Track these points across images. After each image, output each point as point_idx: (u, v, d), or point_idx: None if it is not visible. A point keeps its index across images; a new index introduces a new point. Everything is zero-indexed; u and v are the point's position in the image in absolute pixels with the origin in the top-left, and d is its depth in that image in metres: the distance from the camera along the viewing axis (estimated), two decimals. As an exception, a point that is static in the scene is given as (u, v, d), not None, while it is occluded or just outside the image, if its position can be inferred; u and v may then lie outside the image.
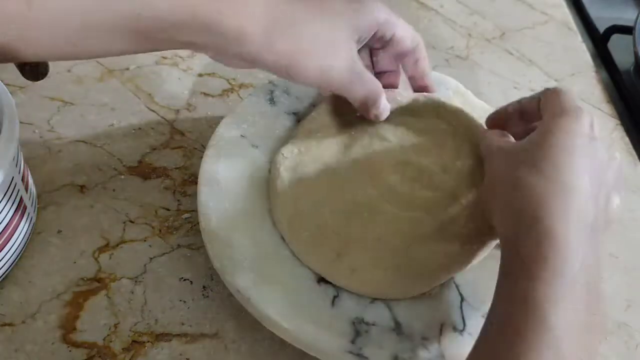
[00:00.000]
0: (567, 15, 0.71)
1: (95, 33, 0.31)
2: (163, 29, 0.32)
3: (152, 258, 0.42)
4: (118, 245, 0.43)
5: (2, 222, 0.37)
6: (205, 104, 0.54)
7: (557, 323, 0.29)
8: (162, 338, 0.39)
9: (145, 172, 0.48)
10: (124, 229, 0.44)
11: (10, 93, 0.38)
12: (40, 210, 0.44)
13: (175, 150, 0.49)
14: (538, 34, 0.68)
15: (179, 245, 0.43)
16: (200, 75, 0.56)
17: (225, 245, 0.39)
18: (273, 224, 0.41)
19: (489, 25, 0.68)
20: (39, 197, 0.44)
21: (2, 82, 0.39)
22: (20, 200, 0.39)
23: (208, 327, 0.40)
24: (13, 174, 0.37)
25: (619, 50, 0.67)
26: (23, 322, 0.38)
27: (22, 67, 0.38)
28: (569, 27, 0.70)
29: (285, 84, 0.48)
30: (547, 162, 0.33)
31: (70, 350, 0.37)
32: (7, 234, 0.38)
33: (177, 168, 0.48)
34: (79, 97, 0.52)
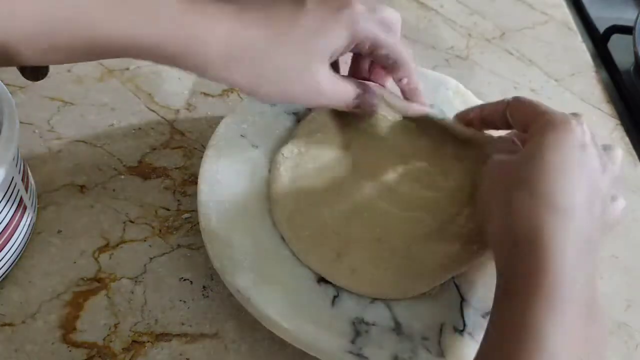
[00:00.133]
0: (567, 15, 0.71)
1: (64, 54, 0.31)
2: (122, 54, 0.32)
3: (152, 258, 0.42)
4: (118, 245, 0.43)
5: (2, 222, 0.37)
6: (205, 104, 0.54)
7: (553, 346, 0.28)
8: (162, 338, 0.39)
9: (145, 172, 0.48)
10: (124, 229, 0.44)
11: (10, 93, 0.38)
12: (40, 210, 0.44)
13: (175, 150, 0.49)
14: (538, 34, 0.68)
15: (179, 245, 0.43)
16: (200, 75, 0.56)
17: (225, 245, 0.39)
18: (273, 224, 0.41)
19: (489, 25, 0.68)
20: (39, 197, 0.44)
21: (2, 82, 0.39)
22: (20, 200, 0.39)
23: (208, 327, 0.40)
24: (13, 174, 0.37)
25: (619, 50, 0.67)
26: (23, 322, 0.38)
27: (22, 67, 0.38)
28: (569, 27, 0.70)
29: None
30: (537, 183, 0.33)
31: (70, 350, 0.37)
32: (7, 234, 0.38)
33: (177, 168, 0.48)
34: (79, 97, 0.52)
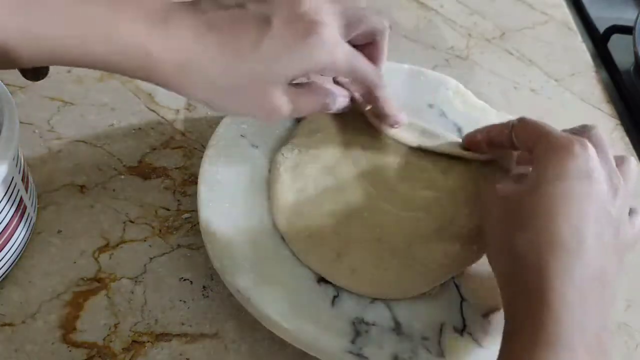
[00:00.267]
0: (567, 15, 0.71)
1: (21, 62, 0.31)
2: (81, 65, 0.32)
3: (152, 258, 0.42)
4: (118, 245, 0.43)
5: (2, 222, 0.37)
6: (205, 104, 0.54)
7: None
8: (162, 338, 0.39)
9: (145, 172, 0.48)
10: (124, 229, 0.44)
11: (10, 93, 0.38)
12: (40, 210, 0.44)
13: (175, 150, 0.49)
14: (538, 34, 0.68)
15: (179, 245, 0.43)
16: (200, 75, 0.56)
17: (225, 245, 0.39)
18: (273, 224, 0.41)
19: (489, 25, 0.68)
20: (39, 197, 0.44)
21: (2, 82, 0.39)
22: (20, 200, 0.39)
23: (208, 327, 0.40)
24: (13, 174, 0.37)
25: (619, 50, 0.67)
26: (23, 322, 0.38)
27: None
28: (569, 27, 0.70)
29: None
30: (540, 221, 0.31)
31: (70, 350, 0.37)
32: (7, 234, 0.38)
33: (177, 168, 0.48)
34: (79, 97, 0.52)
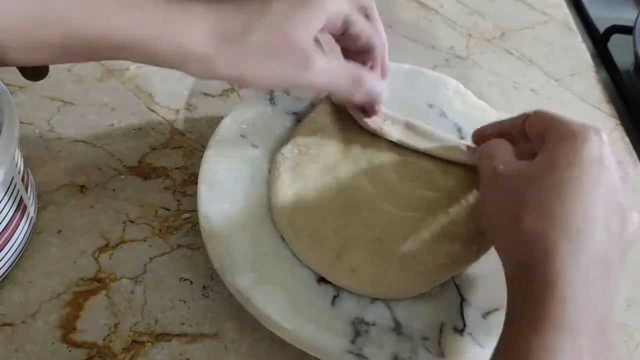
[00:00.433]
0: (567, 15, 0.71)
1: (39, 52, 0.31)
2: (106, 51, 0.32)
3: (152, 258, 0.42)
4: (118, 245, 0.43)
5: (2, 222, 0.37)
6: (205, 104, 0.54)
7: None
8: (162, 338, 0.39)
9: (145, 172, 0.48)
10: (124, 229, 0.44)
11: (10, 93, 0.38)
12: (40, 210, 0.44)
13: (175, 150, 0.49)
14: (538, 34, 0.68)
15: (179, 245, 0.43)
16: (200, 75, 0.56)
17: (225, 245, 0.39)
18: (273, 224, 0.41)
19: (489, 25, 0.68)
20: (39, 197, 0.44)
21: (2, 82, 0.39)
22: (20, 200, 0.39)
23: (208, 327, 0.40)
24: (13, 174, 0.37)
25: (619, 50, 0.67)
26: (23, 322, 0.38)
27: (22, 67, 0.38)
28: (569, 27, 0.70)
29: (285, 84, 0.48)
30: (551, 204, 0.30)
31: (70, 350, 0.37)
32: (7, 234, 0.38)
33: (177, 168, 0.48)
34: (79, 97, 0.52)
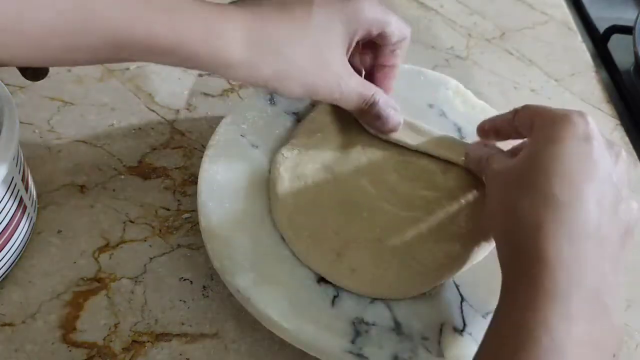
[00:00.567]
0: (567, 15, 0.71)
1: (78, 53, 0.31)
2: (147, 55, 0.32)
3: (152, 258, 0.42)
4: (118, 245, 0.43)
5: (2, 222, 0.37)
6: (205, 104, 0.54)
7: (552, 346, 0.27)
8: (162, 338, 0.39)
9: (145, 172, 0.48)
10: (124, 229, 0.44)
11: (10, 93, 0.39)
12: (40, 210, 0.44)
13: (175, 150, 0.49)
14: (538, 34, 0.68)
15: (179, 245, 0.43)
16: (201, 75, 0.56)
17: (225, 245, 0.39)
18: (273, 224, 0.41)
19: (489, 25, 0.68)
20: (39, 197, 0.44)
21: (2, 82, 0.39)
22: (20, 200, 0.39)
23: (208, 327, 0.40)
24: (13, 174, 0.37)
25: (619, 50, 0.67)
26: (23, 322, 0.38)
27: (22, 67, 0.38)
28: (569, 27, 0.70)
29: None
30: (536, 177, 0.31)
31: (70, 350, 0.37)
32: (7, 234, 0.38)
33: (177, 168, 0.48)
34: (79, 97, 0.52)
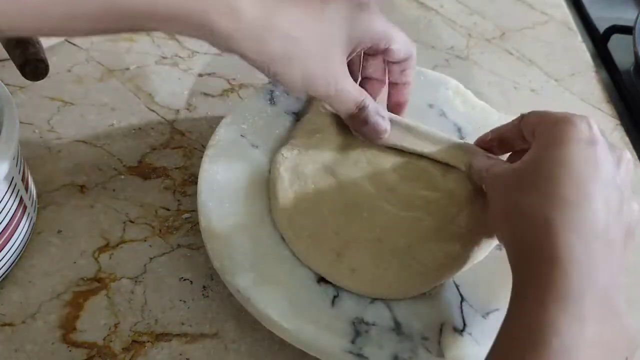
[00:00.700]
0: (567, 15, 0.71)
1: (77, 22, 0.30)
2: (148, 22, 0.31)
3: (152, 258, 0.42)
4: (118, 245, 0.43)
5: (2, 222, 0.37)
6: (205, 104, 0.54)
7: (562, 347, 0.27)
8: (162, 338, 0.39)
9: (145, 172, 0.48)
10: (124, 229, 0.44)
11: (10, 93, 0.38)
12: (40, 210, 0.44)
13: (175, 150, 0.49)
14: (538, 34, 0.68)
15: (179, 245, 0.43)
16: (200, 75, 0.56)
17: (225, 245, 0.39)
18: (273, 224, 0.41)
19: (489, 25, 0.68)
20: (39, 197, 0.44)
21: (2, 82, 0.39)
22: (20, 200, 0.39)
23: (208, 327, 0.40)
24: (13, 174, 0.37)
25: (619, 50, 0.67)
26: (23, 322, 0.38)
27: (22, 67, 0.38)
28: (569, 27, 0.70)
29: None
30: (542, 179, 0.32)
31: (70, 350, 0.37)
32: (7, 234, 0.38)
33: (177, 168, 0.48)
34: (79, 97, 0.52)
